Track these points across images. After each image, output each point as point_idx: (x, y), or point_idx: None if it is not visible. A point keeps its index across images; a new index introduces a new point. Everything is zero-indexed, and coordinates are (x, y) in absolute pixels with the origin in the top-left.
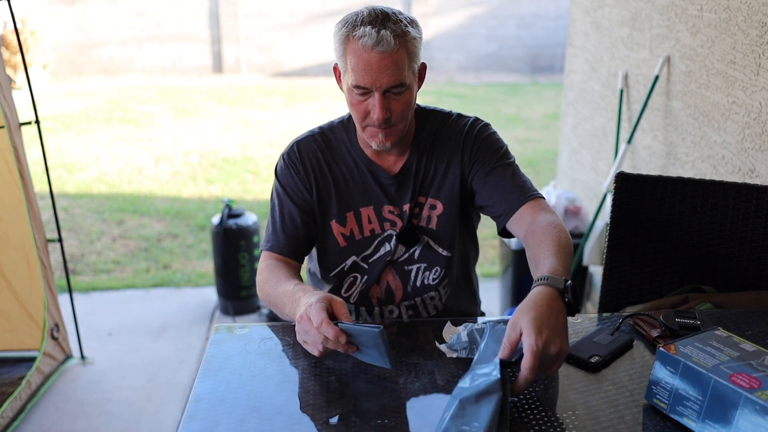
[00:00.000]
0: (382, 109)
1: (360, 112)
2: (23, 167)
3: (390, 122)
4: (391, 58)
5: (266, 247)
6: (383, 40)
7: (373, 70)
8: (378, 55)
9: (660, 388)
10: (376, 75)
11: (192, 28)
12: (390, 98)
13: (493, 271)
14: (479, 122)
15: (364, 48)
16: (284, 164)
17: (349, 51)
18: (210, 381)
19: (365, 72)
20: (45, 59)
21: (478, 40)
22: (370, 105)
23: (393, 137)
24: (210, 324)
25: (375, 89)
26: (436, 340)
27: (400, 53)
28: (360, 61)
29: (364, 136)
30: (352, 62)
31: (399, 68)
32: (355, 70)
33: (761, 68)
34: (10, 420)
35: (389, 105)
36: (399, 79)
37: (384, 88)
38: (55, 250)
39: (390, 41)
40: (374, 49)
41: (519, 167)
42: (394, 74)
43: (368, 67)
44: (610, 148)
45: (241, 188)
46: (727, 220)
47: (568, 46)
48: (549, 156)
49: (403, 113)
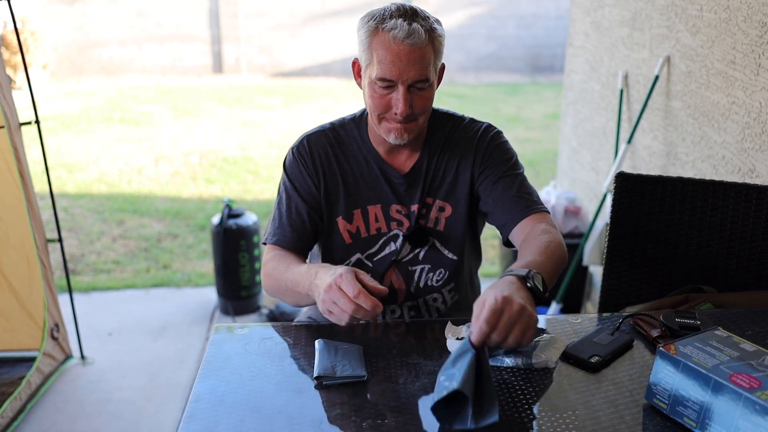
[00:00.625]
0: (405, 103)
1: (381, 105)
2: (23, 167)
3: (410, 118)
4: (420, 52)
5: (272, 241)
6: (415, 32)
7: (402, 62)
8: (408, 47)
9: (660, 388)
10: (404, 67)
11: (192, 28)
12: (413, 93)
13: (493, 271)
14: (492, 129)
15: (395, 40)
16: (293, 158)
17: (377, 42)
18: (210, 381)
19: (393, 64)
20: (45, 59)
21: (478, 40)
22: (393, 99)
23: (412, 132)
24: (210, 324)
25: (401, 82)
26: (447, 344)
27: (428, 48)
28: (388, 53)
29: (380, 129)
30: (379, 54)
31: (426, 63)
32: (382, 62)
33: (761, 68)
34: (10, 420)
35: (412, 100)
36: (425, 74)
37: (410, 82)
38: (55, 250)
39: (421, 34)
40: (404, 42)
41: (527, 179)
42: (421, 68)
43: (397, 58)
44: (610, 148)
45: (241, 188)
46: (727, 220)
47: (568, 46)
48: (549, 156)
49: (424, 109)
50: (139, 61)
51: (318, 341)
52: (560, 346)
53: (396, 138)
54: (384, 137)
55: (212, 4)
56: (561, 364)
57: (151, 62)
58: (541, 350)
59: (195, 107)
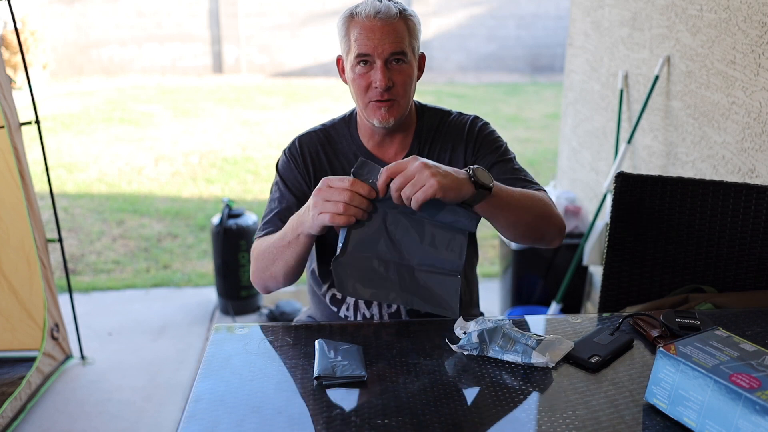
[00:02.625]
0: (384, 75)
1: (362, 86)
2: (23, 167)
3: (392, 93)
4: (393, 26)
5: (261, 234)
6: (384, 8)
7: (375, 36)
8: (380, 22)
9: (660, 388)
10: (378, 40)
11: (192, 28)
12: (392, 68)
13: (493, 271)
14: (479, 120)
15: (367, 17)
16: (285, 158)
17: (352, 27)
18: (210, 381)
19: (368, 38)
20: (45, 59)
21: (478, 40)
22: (372, 76)
23: (395, 113)
24: (210, 324)
25: (377, 56)
26: (446, 339)
27: (401, 24)
28: (363, 30)
29: (366, 116)
30: (354, 35)
31: (400, 37)
32: (357, 41)
33: (761, 68)
34: (10, 420)
35: (391, 75)
36: (400, 47)
37: (386, 56)
38: (55, 250)
39: (391, 9)
40: (376, 17)
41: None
42: (395, 42)
43: (371, 33)
44: (610, 148)
45: (241, 188)
46: (727, 220)
47: (568, 46)
48: (549, 156)
49: (404, 86)
50: (139, 61)
51: (318, 341)
52: (565, 348)
53: (381, 120)
54: (371, 123)
55: (212, 4)
56: (561, 364)
57: (151, 62)
58: (544, 349)
59: (195, 107)
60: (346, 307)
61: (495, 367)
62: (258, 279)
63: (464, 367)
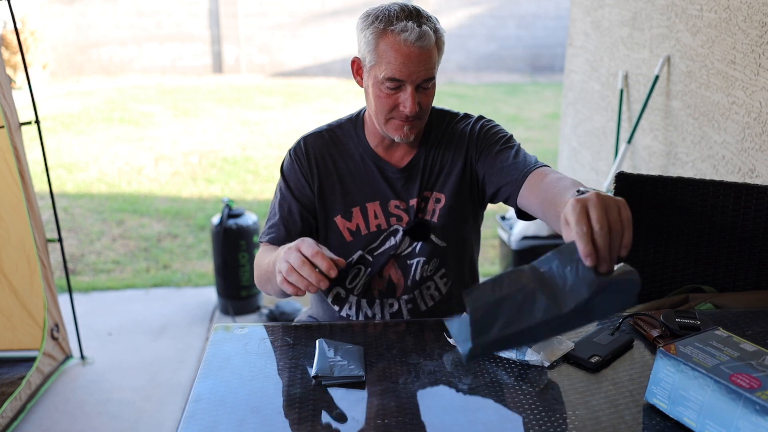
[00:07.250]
0: (414, 102)
1: (388, 105)
2: (23, 167)
3: (418, 116)
4: (429, 53)
5: (265, 239)
6: (425, 35)
7: (412, 63)
8: (418, 49)
9: (660, 388)
10: (414, 68)
11: (192, 28)
12: (420, 92)
13: (493, 271)
14: (483, 118)
15: (405, 42)
16: (290, 159)
17: (387, 44)
18: (210, 381)
19: (404, 65)
20: (45, 59)
21: (478, 40)
22: (401, 98)
23: (416, 130)
24: (210, 324)
25: (410, 83)
26: (446, 334)
27: (434, 49)
28: (399, 55)
29: (385, 129)
30: (389, 56)
31: (433, 63)
32: (391, 63)
33: (761, 68)
34: (10, 420)
35: (419, 99)
36: (432, 74)
37: (418, 82)
38: (55, 250)
39: (431, 37)
40: (415, 44)
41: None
42: (428, 69)
43: (408, 60)
44: (610, 148)
45: (241, 188)
46: (727, 220)
47: (568, 46)
48: (549, 156)
49: (429, 107)
50: (139, 61)
51: (319, 341)
52: (565, 348)
53: (402, 137)
54: (389, 136)
55: (212, 4)
56: (561, 364)
57: (151, 62)
58: (540, 348)
59: (195, 107)
60: (348, 306)
61: (496, 367)
62: (259, 286)
63: (465, 368)
